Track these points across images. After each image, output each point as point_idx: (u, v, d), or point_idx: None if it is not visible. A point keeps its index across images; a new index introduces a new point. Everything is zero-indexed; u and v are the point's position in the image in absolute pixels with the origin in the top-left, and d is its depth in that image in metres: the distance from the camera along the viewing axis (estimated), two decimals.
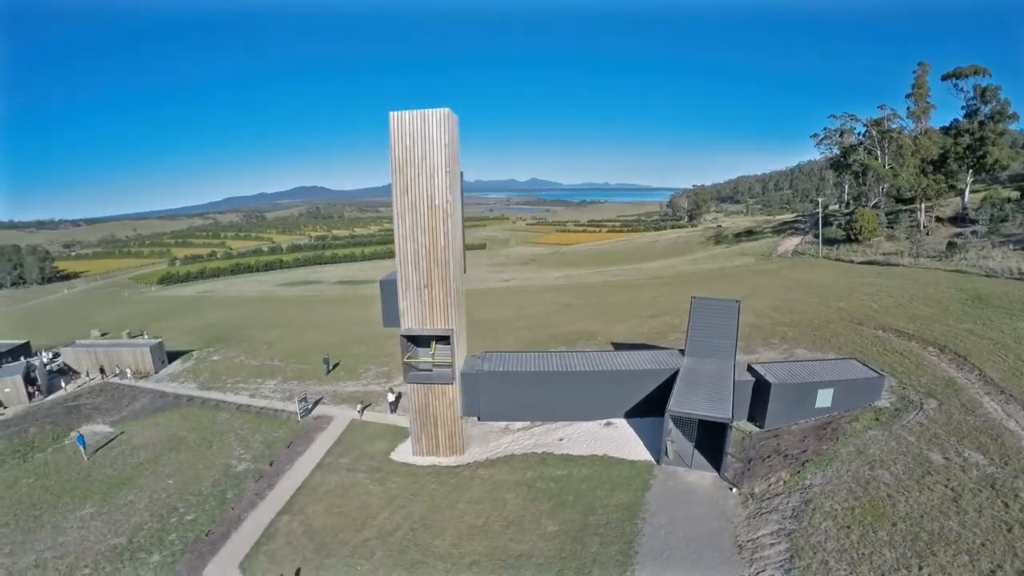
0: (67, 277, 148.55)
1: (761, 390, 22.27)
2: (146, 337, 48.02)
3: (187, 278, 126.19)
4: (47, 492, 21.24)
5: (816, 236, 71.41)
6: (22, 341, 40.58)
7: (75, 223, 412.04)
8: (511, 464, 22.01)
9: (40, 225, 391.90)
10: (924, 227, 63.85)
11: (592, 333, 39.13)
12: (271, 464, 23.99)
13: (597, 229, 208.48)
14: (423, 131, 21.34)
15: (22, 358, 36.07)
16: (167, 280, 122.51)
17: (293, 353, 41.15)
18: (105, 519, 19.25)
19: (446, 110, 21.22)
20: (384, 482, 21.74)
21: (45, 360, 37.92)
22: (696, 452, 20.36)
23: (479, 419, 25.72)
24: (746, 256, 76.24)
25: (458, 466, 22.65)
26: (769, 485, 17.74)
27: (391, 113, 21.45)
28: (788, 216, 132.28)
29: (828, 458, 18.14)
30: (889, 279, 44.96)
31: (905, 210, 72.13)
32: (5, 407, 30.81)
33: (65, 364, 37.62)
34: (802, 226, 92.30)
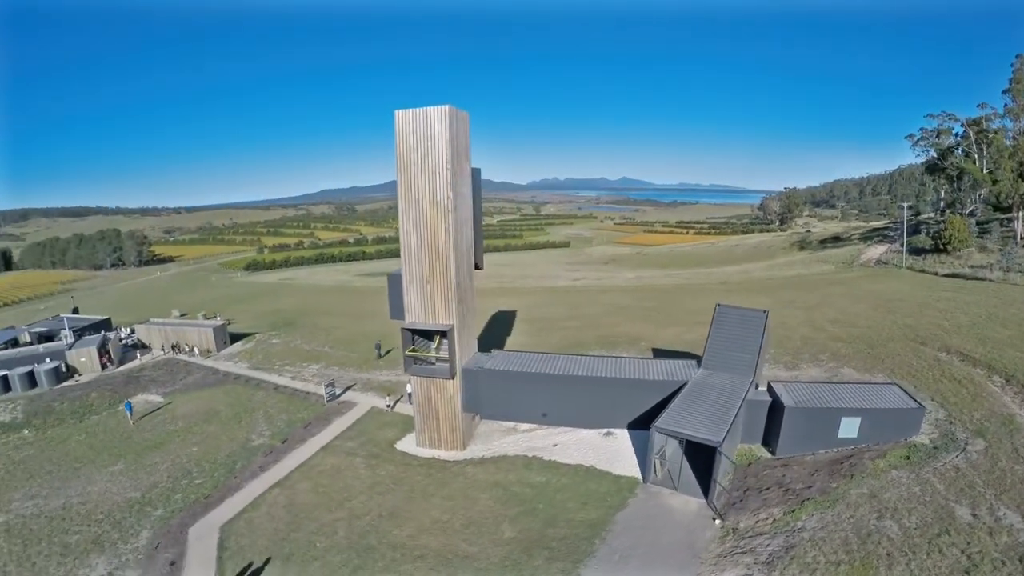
0: (163, 261, 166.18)
1: (776, 412, 20.36)
2: (218, 319, 53.77)
3: (272, 266, 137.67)
4: (91, 449, 24.84)
5: (904, 245, 64.83)
6: (104, 317, 47.28)
7: (176, 211, 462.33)
8: (499, 464, 22.12)
9: (144, 212, 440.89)
10: (1021, 239, 56.49)
11: (637, 337, 38.02)
12: (283, 442, 26.02)
13: (684, 231, 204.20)
14: (425, 129, 21.89)
15: (102, 332, 42.08)
16: (253, 267, 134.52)
17: (345, 340, 43.79)
18: (130, 476, 22.13)
19: (447, 107, 21.59)
20: (375, 468, 22.76)
21: (122, 335, 43.91)
22: (689, 474, 19.14)
23: (480, 417, 26.04)
24: (826, 264, 69.92)
25: (452, 461, 23.12)
26: (756, 521, 16.25)
27: (396, 112, 22.24)
28: (879, 223, 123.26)
29: (833, 499, 16.22)
30: (970, 295, 39.23)
31: (1002, 219, 63.97)
32: (80, 374, 36.22)
33: (139, 339, 43.31)
34: (892, 234, 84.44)
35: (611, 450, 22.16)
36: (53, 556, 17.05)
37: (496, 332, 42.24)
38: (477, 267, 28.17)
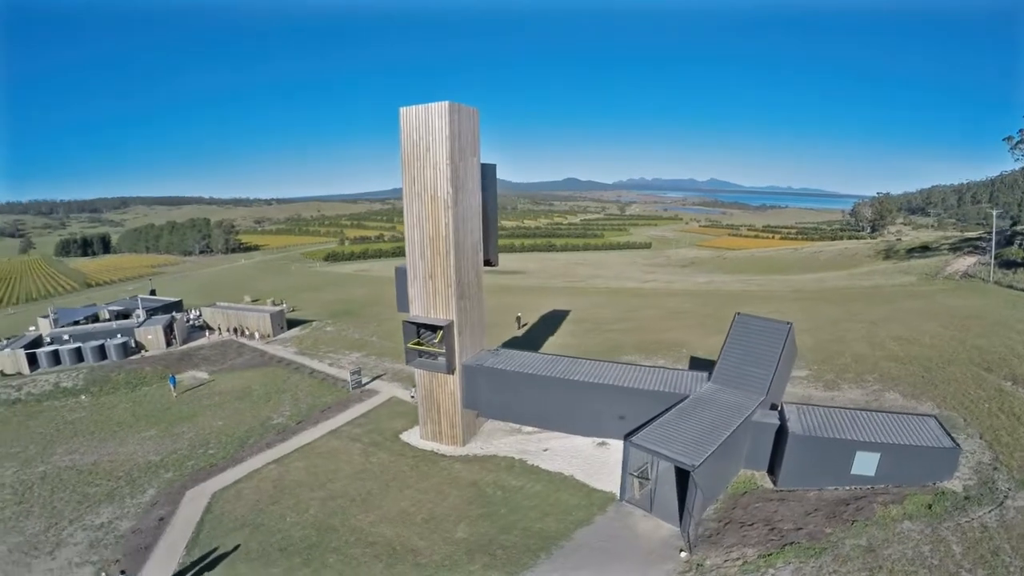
0: (248, 249, 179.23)
1: (782, 438, 18.38)
2: (285, 306, 58.64)
3: (351, 257, 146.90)
4: (132, 415, 28.41)
5: (993, 257, 56.91)
6: (176, 299, 53.36)
7: (268, 202, 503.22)
8: (484, 464, 22.22)
9: (237, 202, 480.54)
10: None
11: (680, 344, 36.64)
12: (298, 423, 27.95)
13: (770, 236, 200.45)
14: (426, 125, 22.41)
15: (172, 313, 47.64)
16: (332, 257, 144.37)
17: (394, 331, 45.15)
18: (157, 442, 25.09)
19: (447, 103, 21.90)
20: (369, 455, 23.70)
21: (190, 317, 49.42)
22: (671, 498, 17.89)
23: (479, 415, 26.19)
24: (909, 275, 63.02)
25: (447, 456, 23.50)
26: (725, 560, 14.84)
27: (401, 108, 22.97)
28: (974, 233, 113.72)
29: (821, 547, 14.40)
30: None
31: None
32: (147, 350, 41.32)
33: (204, 321, 48.53)
34: (985, 244, 76.30)
35: (599, 461, 21.33)
36: (71, 503, 19.86)
37: (538, 332, 42.34)
38: (490, 264, 28.36)
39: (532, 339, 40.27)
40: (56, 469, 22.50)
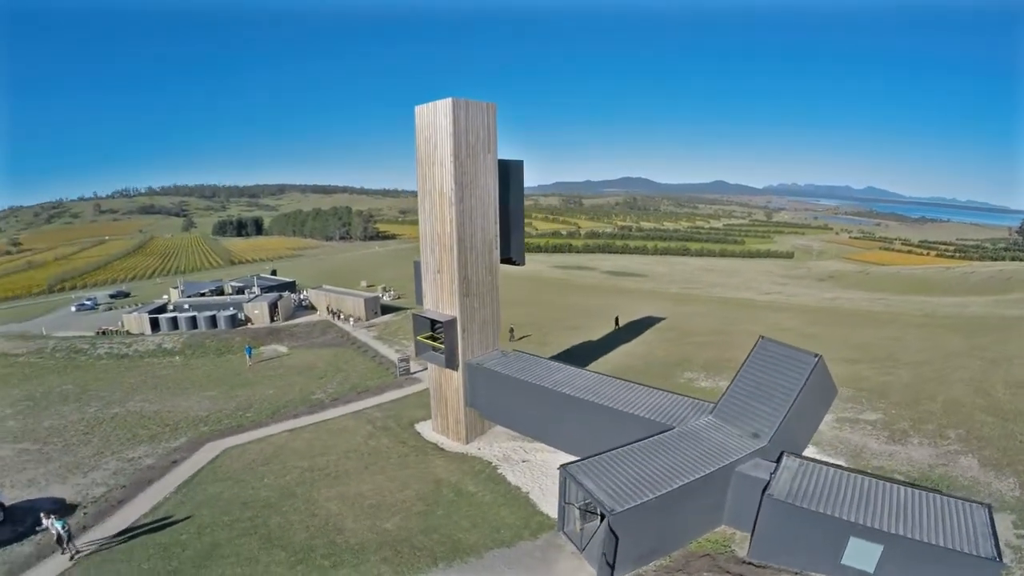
0: (385, 237, 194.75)
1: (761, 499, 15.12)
2: (387, 294, 64.73)
3: None
4: (206, 377, 34.21)
5: None
6: (290, 280, 62.05)
7: (415, 193, 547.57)
8: (462, 464, 22.41)
9: (385, 193, 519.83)
10: None
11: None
12: (333, 400, 30.88)
13: (925, 252, 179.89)
14: (433, 121, 23.18)
15: (285, 292, 55.70)
16: None
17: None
18: (212, 401, 30.03)
19: (450, 100, 22.28)
20: (371, 438, 25.13)
21: (300, 297, 57.23)
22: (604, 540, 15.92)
23: (480, 415, 26.16)
24: None
25: (445, 450, 24.02)
26: None
27: (416, 107, 24.02)
28: None
29: None
30: None
31: None
32: (252, 323, 49.00)
33: (310, 302, 55.89)
34: None
35: None
36: (122, 439, 24.98)
37: (612, 339, 41.24)
38: (512, 263, 28.13)
39: (598, 347, 39.17)
40: (126, 412, 28.47)
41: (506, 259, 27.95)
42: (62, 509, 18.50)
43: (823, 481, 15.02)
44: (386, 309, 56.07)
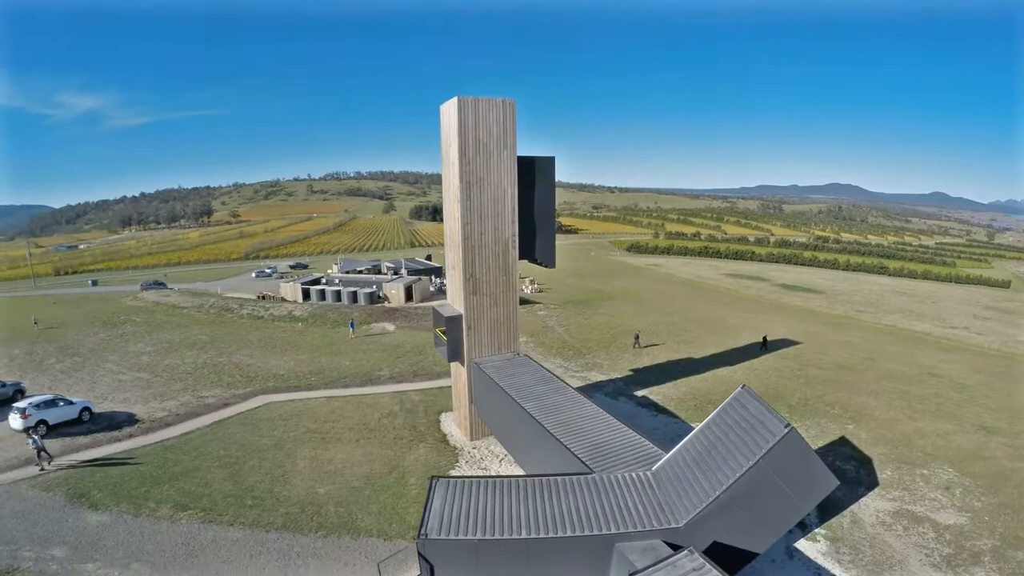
0: (569, 232, 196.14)
1: None
2: (536, 286, 65.95)
3: (653, 250, 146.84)
4: (309, 344, 40.77)
5: None
6: (438, 266, 68.23)
7: (611, 189, 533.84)
8: (443, 459, 23.30)
9: (582, 187, 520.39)
10: None
11: (857, 417, 28.35)
12: (390, 377, 34.18)
13: None
14: (447, 120, 24.47)
15: (432, 277, 61.68)
16: (635, 248, 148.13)
17: (597, 326, 49.16)
18: (297, 362, 36.16)
19: (456, 99, 23.09)
20: (388, 417, 27.24)
21: (441, 282, 62.77)
22: None
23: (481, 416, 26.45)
24: None
25: (449, 443, 25.10)
26: None
27: (440, 106, 25.36)
28: None
29: None
30: None
31: None
32: (389, 302, 56.02)
33: (444, 287, 61.37)
34: None
35: None
36: (208, 382, 32.08)
37: (714, 360, 38.69)
38: (539, 264, 27.76)
39: (709, 361, 38.18)
40: (227, 362, 36.25)
41: (531, 261, 27.52)
42: (130, 422, 25.62)
43: None
44: (523, 301, 58.08)
